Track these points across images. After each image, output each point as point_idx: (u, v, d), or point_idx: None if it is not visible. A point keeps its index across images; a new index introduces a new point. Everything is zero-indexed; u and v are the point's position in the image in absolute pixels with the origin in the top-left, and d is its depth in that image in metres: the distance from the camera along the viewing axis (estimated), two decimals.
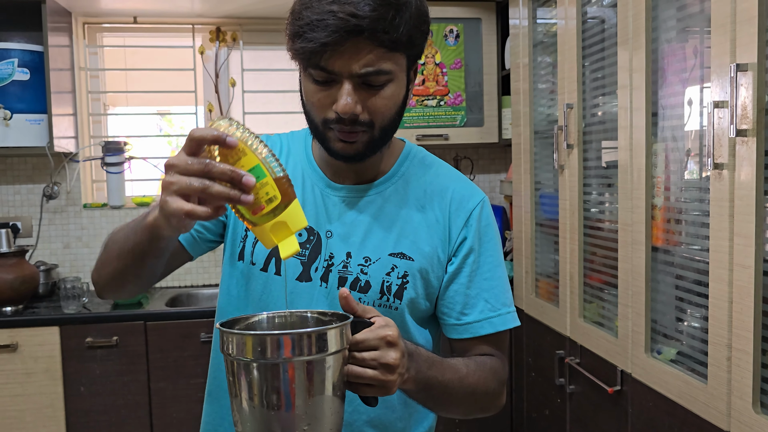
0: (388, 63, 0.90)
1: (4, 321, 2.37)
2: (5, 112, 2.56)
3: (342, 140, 0.94)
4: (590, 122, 1.91)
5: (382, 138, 0.96)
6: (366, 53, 0.88)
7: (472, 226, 1.03)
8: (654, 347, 1.59)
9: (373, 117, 0.93)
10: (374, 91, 0.91)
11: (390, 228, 1.01)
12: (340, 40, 0.86)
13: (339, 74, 0.89)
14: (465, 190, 1.06)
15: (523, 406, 2.47)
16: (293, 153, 1.08)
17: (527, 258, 2.33)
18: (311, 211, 1.02)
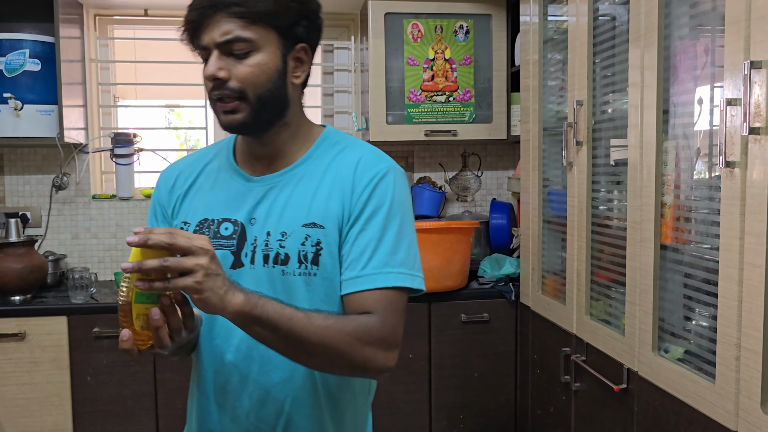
0: (248, 32, 1.01)
1: (12, 310, 2.38)
2: (16, 103, 2.57)
3: (225, 111, 1.05)
4: (600, 119, 1.90)
5: (261, 107, 1.05)
6: (224, 24, 1.01)
7: (371, 189, 1.08)
8: (661, 346, 1.59)
9: (242, 84, 1.03)
10: (239, 60, 1.02)
11: (302, 202, 1.09)
12: (202, 16, 1.01)
13: (207, 47, 1.03)
14: (373, 158, 1.12)
15: (528, 403, 2.47)
16: (217, 159, 1.19)
17: (534, 255, 2.33)
18: (234, 206, 1.12)
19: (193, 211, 1.14)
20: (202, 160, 1.20)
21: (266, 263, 1.08)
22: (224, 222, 1.11)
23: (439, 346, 2.56)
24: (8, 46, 2.59)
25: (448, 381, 2.58)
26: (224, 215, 1.11)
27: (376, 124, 2.76)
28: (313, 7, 1.09)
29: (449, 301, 2.54)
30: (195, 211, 1.14)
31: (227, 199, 1.13)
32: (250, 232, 1.10)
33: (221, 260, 1.04)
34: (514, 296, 2.54)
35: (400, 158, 3.14)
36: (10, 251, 2.50)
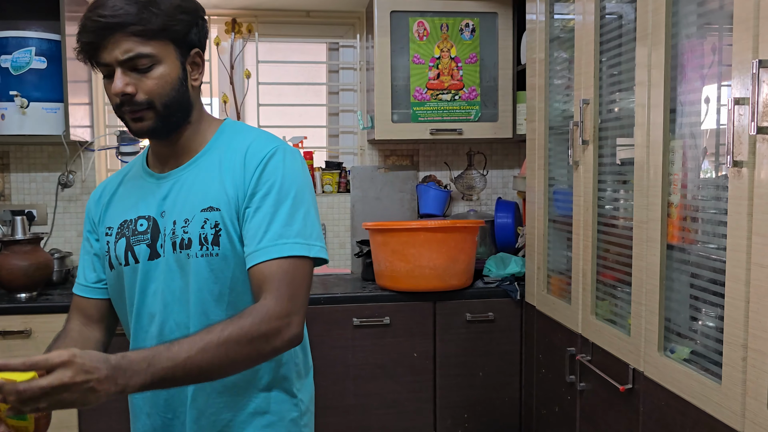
0: (147, 48, 1.09)
1: (18, 307, 2.39)
2: (22, 101, 2.57)
3: (135, 119, 1.13)
4: (606, 118, 1.89)
5: (169, 113, 1.13)
6: (123, 43, 1.08)
7: (261, 169, 1.15)
8: (667, 346, 1.58)
9: (150, 96, 1.11)
10: (143, 74, 1.10)
11: (202, 189, 1.17)
12: (99, 37, 1.07)
13: (110, 64, 1.09)
14: (262, 141, 1.19)
15: (532, 403, 2.46)
16: (133, 169, 1.28)
17: (539, 254, 2.32)
18: (147, 203, 1.20)
19: (114, 217, 1.24)
20: (122, 173, 1.31)
21: (174, 250, 1.16)
22: (140, 219, 1.20)
23: (444, 345, 2.56)
24: (14, 43, 2.59)
25: (453, 380, 2.58)
26: (139, 213, 1.21)
27: (381, 122, 2.75)
28: (201, 14, 1.18)
29: (454, 300, 2.54)
30: (115, 216, 1.24)
31: (140, 198, 1.22)
32: (161, 224, 1.18)
33: (141, 255, 1.17)
34: (519, 295, 2.54)
35: (405, 157, 3.13)
36: (16, 249, 2.51)
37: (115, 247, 1.21)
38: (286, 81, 3.14)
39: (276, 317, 1.08)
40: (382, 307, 2.51)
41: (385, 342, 2.52)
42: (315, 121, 3.25)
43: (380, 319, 2.50)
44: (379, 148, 3.12)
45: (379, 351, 2.52)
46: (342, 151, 3.25)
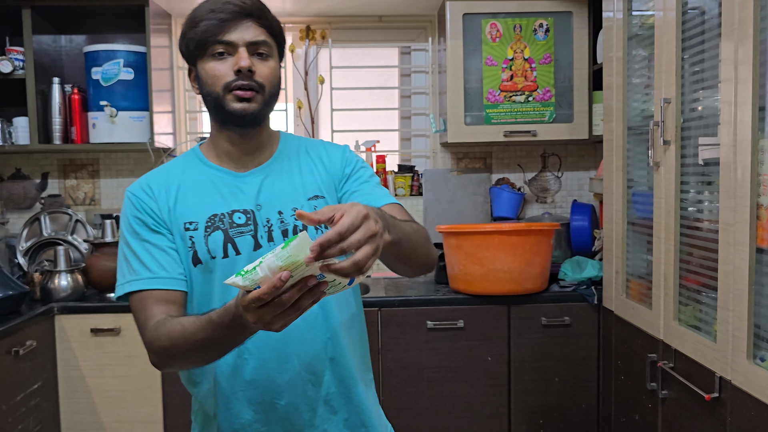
0: (269, 39, 1.21)
1: (108, 306, 2.53)
2: (112, 110, 2.72)
3: (241, 99, 1.18)
4: (689, 117, 1.83)
5: (268, 103, 1.23)
6: (254, 29, 1.19)
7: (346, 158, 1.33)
8: (756, 354, 1.51)
9: (263, 80, 1.20)
10: (262, 60, 1.20)
11: (297, 183, 1.28)
12: (234, 18, 1.18)
13: (235, 43, 1.18)
14: (331, 144, 1.38)
15: (611, 410, 2.40)
16: (191, 170, 1.28)
17: (618, 258, 2.26)
18: (236, 198, 1.24)
19: (195, 211, 1.23)
20: (173, 173, 1.27)
21: (286, 236, 1.23)
22: (235, 213, 1.23)
23: (519, 349, 2.53)
24: (104, 56, 2.75)
25: (528, 385, 2.54)
26: (232, 207, 1.23)
27: (454, 125, 2.75)
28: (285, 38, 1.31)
29: (529, 304, 2.51)
30: (197, 211, 1.23)
31: (226, 195, 1.25)
32: (260, 216, 1.24)
33: (245, 246, 1.22)
34: (596, 300, 2.48)
35: (479, 159, 3.12)
36: (106, 251, 2.65)
37: (207, 241, 1.21)
38: (359, 86, 3.18)
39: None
40: (456, 311, 2.50)
41: (459, 345, 2.52)
42: (387, 124, 3.28)
43: (454, 322, 2.50)
44: (451, 151, 3.11)
45: (453, 354, 2.52)
46: (414, 155, 3.26)
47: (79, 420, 2.52)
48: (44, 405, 2.41)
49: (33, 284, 2.61)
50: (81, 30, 2.98)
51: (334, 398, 1.26)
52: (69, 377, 2.51)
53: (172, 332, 1.10)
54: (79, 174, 3.09)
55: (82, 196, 3.09)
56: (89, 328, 2.50)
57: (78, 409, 2.52)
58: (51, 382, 2.47)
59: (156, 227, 1.22)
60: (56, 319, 2.51)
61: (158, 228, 1.22)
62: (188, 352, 1.09)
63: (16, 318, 2.29)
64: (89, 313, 2.51)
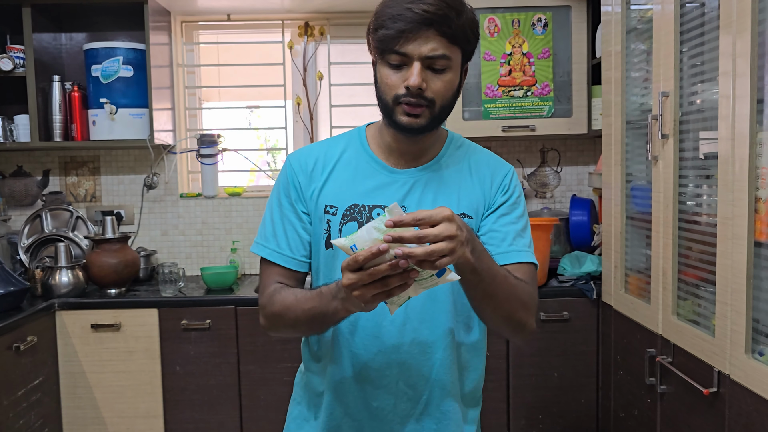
0: (449, 51, 1.13)
1: (109, 302, 2.54)
2: (111, 107, 2.72)
3: (408, 114, 1.15)
4: (687, 111, 1.82)
5: (440, 116, 1.18)
6: (432, 41, 1.11)
7: (507, 184, 1.27)
8: (755, 348, 1.51)
9: (435, 95, 1.15)
10: (437, 74, 1.14)
11: (450, 195, 1.24)
12: (414, 29, 1.10)
13: (410, 56, 1.12)
14: (498, 162, 1.31)
15: (610, 405, 2.40)
16: (350, 150, 1.28)
17: (617, 252, 2.26)
18: (383, 194, 1.23)
19: (339, 196, 1.23)
20: (334, 150, 1.28)
21: None
22: (376, 208, 1.22)
23: (518, 344, 2.53)
24: (104, 54, 2.75)
25: (527, 380, 2.55)
26: (374, 202, 1.22)
27: (452, 120, 2.75)
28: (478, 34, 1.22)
29: None
30: (341, 196, 1.23)
31: (374, 188, 1.24)
32: None
33: None
34: (595, 295, 2.48)
35: None
36: (107, 247, 2.66)
37: (341, 229, 1.22)
38: (358, 82, 3.18)
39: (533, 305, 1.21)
40: None
41: None
42: None
43: None
44: None
45: None
46: None
47: (80, 415, 2.53)
48: (45, 400, 2.42)
49: (34, 280, 2.62)
50: (81, 28, 2.98)
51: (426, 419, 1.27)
52: (70, 373, 2.52)
53: (285, 300, 1.19)
54: (80, 171, 3.09)
55: (82, 193, 3.10)
56: (90, 323, 2.51)
57: (79, 405, 2.53)
58: (52, 377, 2.48)
59: (297, 203, 1.25)
60: (57, 315, 2.51)
61: (298, 204, 1.25)
62: (296, 319, 1.17)
63: (18, 314, 2.30)
64: (90, 309, 2.52)
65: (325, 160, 1.26)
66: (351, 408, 1.27)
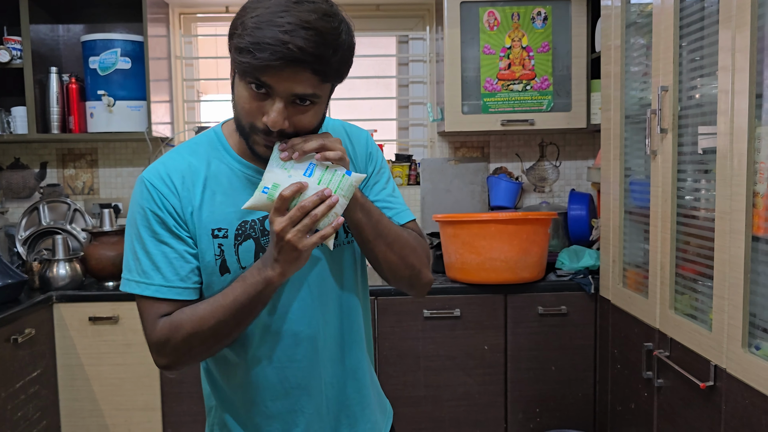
0: (318, 89, 1.03)
1: (107, 295, 2.53)
2: (109, 99, 2.72)
3: (266, 145, 1.07)
4: (686, 105, 1.82)
5: None
6: (303, 79, 1.00)
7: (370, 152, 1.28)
8: (752, 342, 1.51)
9: (297, 129, 1.05)
10: (302, 109, 1.04)
11: None
12: (284, 65, 0.97)
13: (275, 91, 1.01)
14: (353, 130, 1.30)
15: (607, 399, 2.41)
16: (216, 161, 1.15)
17: (615, 247, 2.26)
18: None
19: (224, 216, 1.12)
20: (197, 162, 1.14)
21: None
22: (267, 218, 1.13)
23: (516, 338, 2.53)
24: (101, 45, 2.74)
25: (525, 374, 2.55)
26: (263, 213, 1.13)
27: (451, 114, 2.74)
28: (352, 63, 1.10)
29: (526, 293, 2.51)
30: (226, 216, 1.12)
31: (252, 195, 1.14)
32: None
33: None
34: (593, 289, 2.48)
35: (476, 148, 3.11)
36: (105, 240, 2.66)
37: (237, 251, 1.12)
38: (356, 75, 3.17)
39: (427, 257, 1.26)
40: (453, 299, 2.51)
41: (456, 334, 2.52)
42: (385, 114, 3.27)
43: (451, 311, 2.50)
44: (449, 140, 3.11)
45: (450, 343, 2.52)
46: (412, 144, 3.26)
47: (78, 407, 2.54)
48: (43, 392, 2.42)
49: (32, 273, 2.62)
50: (78, 19, 2.97)
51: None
52: (68, 365, 2.52)
53: (194, 316, 1.08)
54: (78, 163, 3.08)
55: (80, 185, 3.09)
56: (87, 316, 2.51)
57: (77, 397, 2.54)
58: (50, 369, 2.48)
59: (176, 229, 1.10)
60: (55, 307, 2.51)
61: (178, 231, 1.10)
62: (216, 325, 1.07)
63: (15, 306, 2.30)
64: (88, 302, 2.52)
65: (192, 176, 1.12)
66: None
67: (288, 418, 1.19)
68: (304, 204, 1.00)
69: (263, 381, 1.17)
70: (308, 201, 1.00)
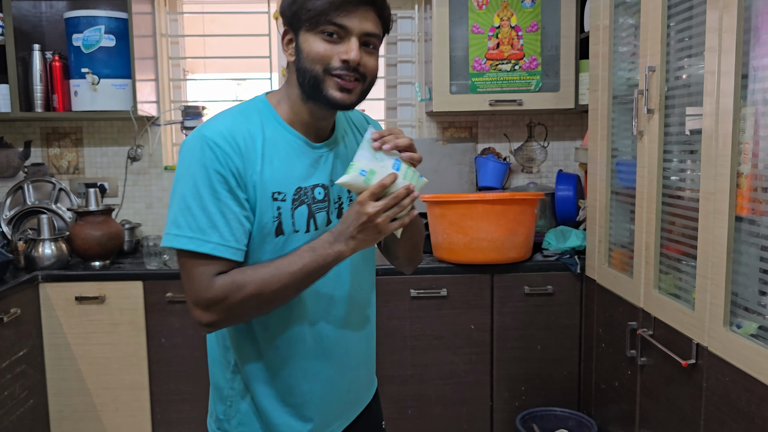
0: (380, 33, 1.18)
1: (93, 274, 2.52)
2: (93, 77, 2.68)
3: (342, 88, 1.16)
4: (673, 86, 1.83)
5: (366, 94, 1.22)
6: (371, 19, 1.15)
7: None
8: (733, 321, 1.53)
9: (366, 72, 1.17)
10: (369, 52, 1.17)
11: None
12: (357, 5, 1.13)
13: (349, 30, 1.13)
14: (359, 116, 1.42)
15: (592, 377, 2.44)
16: (269, 128, 1.21)
17: (601, 227, 2.28)
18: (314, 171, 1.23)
19: (283, 181, 1.18)
20: (254, 128, 1.19)
21: None
22: (316, 187, 1.23)
23: (502, 317, 2.55)
24: (85, 22, 2.70)
25: (511, 353, 2.58)
26: (312, 181, 1.22)
27: (439, 94, 2.73)
28: None
29: (512, 273, 2.53)
30: (284, 181, 1.19)
31: (308, 168, 1.22)
32: (332, 192, 1.26)
33: (321, 221, 1.24)
34: (579, 269, 2.50)
35: (464, 129, 3.11)
36: (90, 219, 2.64)
37: (293, 214, 1.20)
38: None
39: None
40: (440, 279, 2.52)
41: (443, 314, 2.54)
42: (373, 93, 3.22)
43: (437, 291, 2.51)
44: (437, 120, 3.10)
45: (437, 322, 2.54)
46: (400, 124, 3.25)
47: (65, 386, 2.54)
48: (30, 372, 2.42)
49: (17, 253, 2.60)
50: None
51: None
52: (54, 344, 2.52)
53: (256, 278, 1.13)
54: (63, 143, 3.05)
55: (65, 164, 3.06)
56: (74, 296, 2.50)
57: (64, 376, 2.53)
58: (36, 349, 2.48)
59: (237, 190, 1.15)
60: (41, 287, 2.50)
61: (238, 192, 1.15)
62: (277, 290, 1.14)
63: (1, 286, 2.28)
64: (74, 282, 2.50)
65: (251, 139, 1.18)
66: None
67: (317, 376, 1.27)
68: (398, 194, 1.13)
69: (299, 339, 1.25)
70: (401, 192, 1.13)
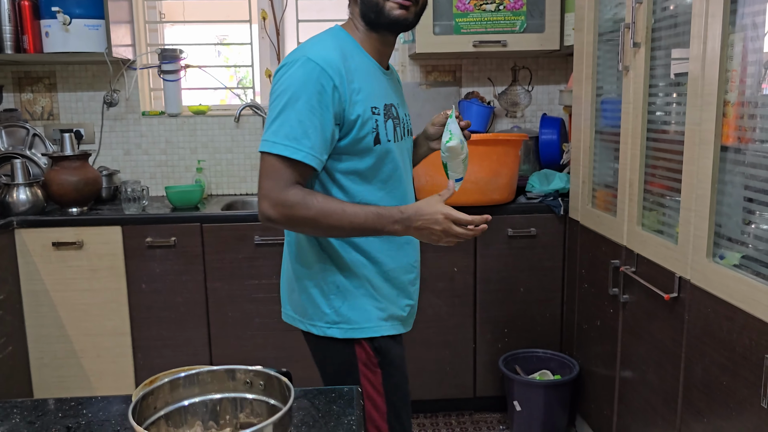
0: None
1: (70, 220, 2.47)
2: (65, 17, 2.58)
3: (401, 6, 1.33)
4: (660, 17, 1.79)
5: (419, 15, 1.38)
6: None
7: None
8: (716, 252, 1.53)
9: None
10: None
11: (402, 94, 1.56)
12: None
13: None
14: None
15: (574, 318, 2.45)
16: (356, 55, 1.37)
17: (585, 168, 2.26)
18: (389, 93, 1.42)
19: (374, 99, 1.36)
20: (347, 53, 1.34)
21: (406, 135, 1.49)
22: (393, 106, 1.42)
23: (485, 260, 2.55)
24: None
25: (494, 295, 2.58)
26: (391, 101, 1.42)
27: (422, 35, 2.67)
28: None
29: (496, 215, 2.51)
30: (376, 98, 1.36)
31: (386, 89, 1.41)
32: (400, 111, 1.45)
33: (398, 135, 1.43)
34: (562, 211, 2.49)
35: (448, 72, 3.06)
36: (66, 164, 2.57)
37: (386, 126, 1.38)
38: None
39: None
40: None
41: (426, 256, 2.52)
42: None
43: None
44: (420, 64, 3.04)
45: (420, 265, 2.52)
46: None
47: (45, 333, 2.51)
48: (8, 318, 2.38)
49: None
50: None
51: None
52: (32, 291, 2.48)
53: (325, 208, 1.28)
54: (36, 87, 2.96)
55: (39, 110, 2.97)
56: (51, 241, 2.45)
57: (43, 323, 2.50)
58: (14, 295, 2.44)
59: (334, 107, 1.29)
60: (16, 232, 2.45)
61: (335, 109, 1.29)
62: (331, 227, 1.29)
63: None
64: (50, 227, 2.46)
65: (347, 63, 1.32)
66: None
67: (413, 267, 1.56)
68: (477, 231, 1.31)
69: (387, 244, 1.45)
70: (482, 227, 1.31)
